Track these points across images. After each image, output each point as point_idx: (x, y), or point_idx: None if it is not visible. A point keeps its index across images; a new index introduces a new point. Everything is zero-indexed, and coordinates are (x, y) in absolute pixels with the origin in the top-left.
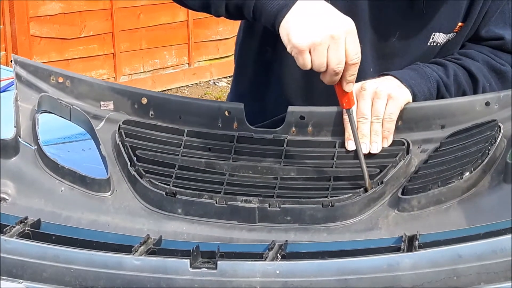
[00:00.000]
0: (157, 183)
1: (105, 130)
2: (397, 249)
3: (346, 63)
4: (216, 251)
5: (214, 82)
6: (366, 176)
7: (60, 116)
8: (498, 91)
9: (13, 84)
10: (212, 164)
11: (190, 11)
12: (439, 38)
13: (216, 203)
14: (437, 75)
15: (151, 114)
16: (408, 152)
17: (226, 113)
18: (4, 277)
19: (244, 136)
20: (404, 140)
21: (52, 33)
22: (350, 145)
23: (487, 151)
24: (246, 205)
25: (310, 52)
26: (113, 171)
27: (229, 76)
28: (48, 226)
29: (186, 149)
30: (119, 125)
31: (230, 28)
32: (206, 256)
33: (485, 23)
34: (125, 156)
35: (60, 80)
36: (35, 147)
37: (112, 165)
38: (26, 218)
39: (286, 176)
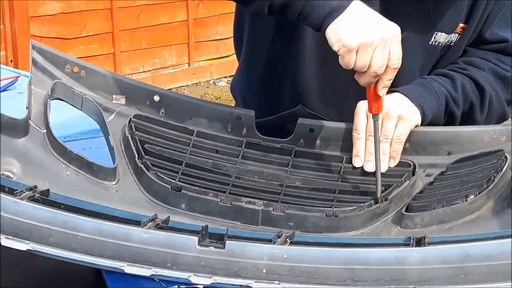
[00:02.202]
0: (163, 176)
1: (115, 124)
2: (405, 245)
3: (387, 66)
4: (225, 233)
5: (214, 82)
6: (379, 187)
7: (71, 105)
8: (504, 99)
9: (13, 84)
10: (219, 165)
11: (190, 10)
12: (441, 38)
13: (221, 201)
14: (445, 90)
15: (162, 112)
16: (413, 173)
17: (236, 119)
18: (11, 237)
19: (252, 142)
20: (410, 162)
21: (52, 33)
22: (357, 162)
23: (493, 178)
24: (251, 206)
25: (357, 52)
26: (119, 163)
27: (229, 76)
28: (57, 196)
29: (194, 148)
30: (130, 118)
31: (230, 28)
32: (215, 238)
33: (488, 26)
34: (133, 148)
35: (76, 69)
36: (45, 130)
37: (119, 157)
38: (35, 187)
39: (292, 184)
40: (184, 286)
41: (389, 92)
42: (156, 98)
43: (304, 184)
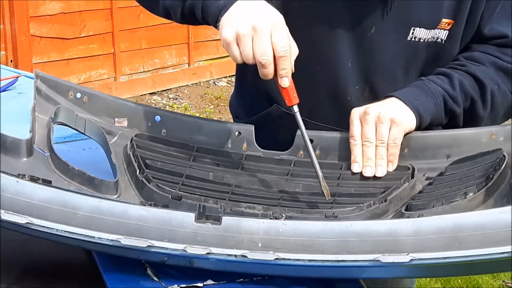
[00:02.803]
0: (164, 187)
1: (118, 145)
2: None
3: (275, 56)
4: (222, 211)
5: (214, 82)
6: (320, 177)
7: (75, 129)
8: (508, 91)
9: (13, 84)
10: (219, 177)
11: None
12: (421, 33)
13: (221, 208)
14: (442, 89)
15: (163, 132)
16: (413, 176)
17: (236, 134)
18: (10, 212)
19: (252, 155)
20: (409, 166)
21: (52, 33)
22: (356, 167)
23: (491, 176)
24: (250, 211)
25: (238, 44)
26: (121, 179)
27: (229, 76)
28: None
29: (195, 162)
30: (132, 138)
31: None
32: (212, 218)
33: (486, 21)
34: (135, 164)
35: (78, 95)
36: (48, 154)
37: (121, 175)
38: (38, 178)
39: (292, 190)
40: (184, 285)
41: (385, 97)
42: (157, 118)
43: (304, 190)
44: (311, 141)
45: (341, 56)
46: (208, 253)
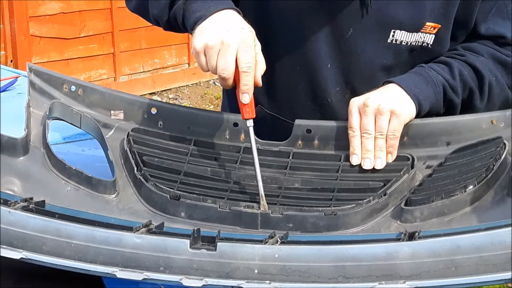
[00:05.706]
0: (162, 186)
1: (114, 139)
2: (396, 240)
3: (238, 72)
4: (216, 236)
5: (214, 82)
6: (262, 193)
7: (70, 124)
8: (506, 84)
9: (12, 84)
10: (217, 172)
11: None
12: (402, 36)
13: (219, 207)
14: (443, 78)
15: (160, 124)
16: (412, 167)
17: (233, 125)
18: (5, 246)
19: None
20: (409, 156)
21: (52, 33)
22: (354, 160)
23: (492, 167)
24: (249, 210)
25: (205, 54)
26: (119, 176)
27: None
28: (52, 207)
29: (193, 157)
30: (128, 132)
31: None
32: (207, 240)
33: (481, 22)
34: (132, 161)
35: (73, 88)
36: (44, 150)
37: (118, 171)
38: (31, 198)
39: (291, 186)
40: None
41: (384, 83)
42: (154, 110)
43: (303, 185)
44: (309, 131)
45: (320, 57)
46: (204, 285)
